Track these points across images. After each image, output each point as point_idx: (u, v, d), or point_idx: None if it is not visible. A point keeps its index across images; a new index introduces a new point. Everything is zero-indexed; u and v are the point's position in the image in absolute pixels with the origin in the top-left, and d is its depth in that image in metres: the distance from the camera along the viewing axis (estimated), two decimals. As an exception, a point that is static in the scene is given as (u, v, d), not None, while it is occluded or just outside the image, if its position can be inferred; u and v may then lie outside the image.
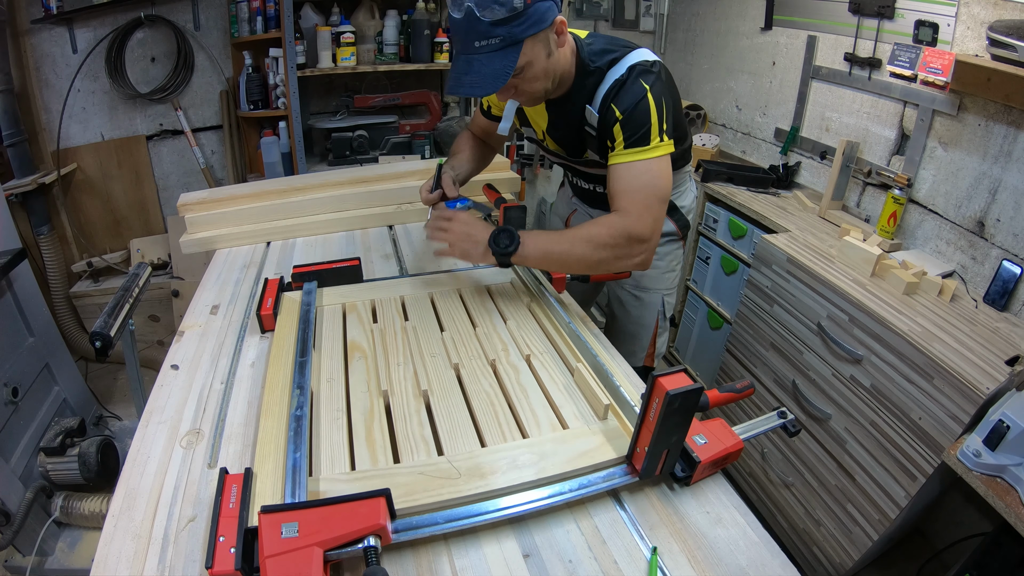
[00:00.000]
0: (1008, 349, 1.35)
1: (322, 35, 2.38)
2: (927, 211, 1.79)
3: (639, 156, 1.10)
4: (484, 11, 0.98)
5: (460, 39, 1.04)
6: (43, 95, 2.42)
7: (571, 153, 1.33)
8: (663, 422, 0.73)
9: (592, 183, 1.45)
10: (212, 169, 2.81)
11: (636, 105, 1.10)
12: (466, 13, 0.99)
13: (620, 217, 1.10)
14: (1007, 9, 1.51)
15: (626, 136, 1.10)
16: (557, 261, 1.15)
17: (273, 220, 1.62)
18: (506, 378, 1.00)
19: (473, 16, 0.99)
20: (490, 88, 1.05)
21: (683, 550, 0.74)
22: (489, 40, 1.01)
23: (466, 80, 1.04)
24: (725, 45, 2.66)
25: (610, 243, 1.10)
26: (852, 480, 1.57)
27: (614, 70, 1.14)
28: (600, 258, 1.11)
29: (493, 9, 0.98)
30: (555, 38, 1.09)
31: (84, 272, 2.63)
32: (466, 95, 1.11)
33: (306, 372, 0.96)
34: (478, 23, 0.99)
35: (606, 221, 1.11)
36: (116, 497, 0.80)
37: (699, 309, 2.51)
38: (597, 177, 1.41)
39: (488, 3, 0.98)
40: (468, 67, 1.04)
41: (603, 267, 1.14)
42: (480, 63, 1.03)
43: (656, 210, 1.11)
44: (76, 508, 1.73)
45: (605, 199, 1.40)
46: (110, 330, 1.30)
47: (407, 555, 0.72)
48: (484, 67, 1.03)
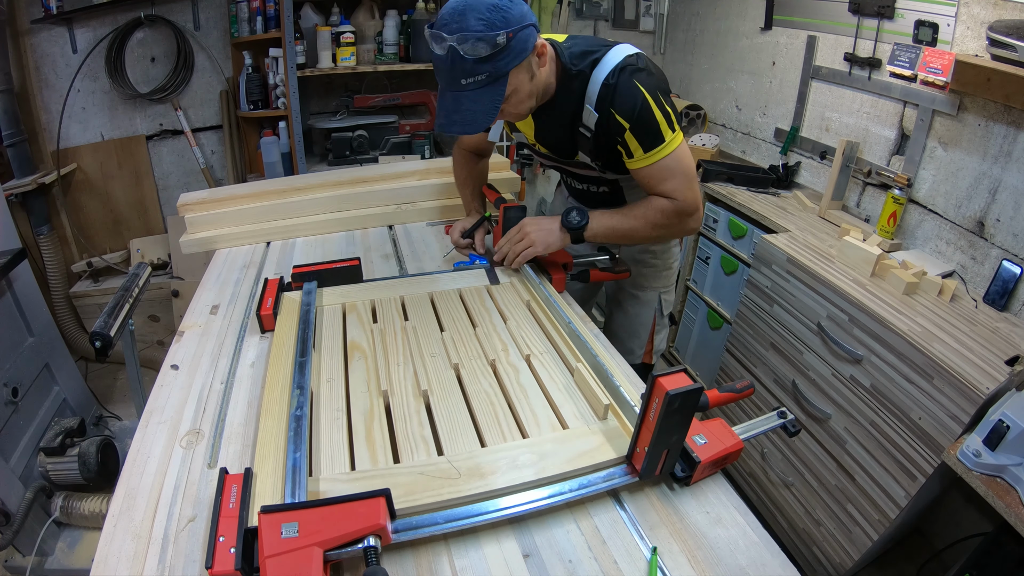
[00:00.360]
0: (1008, 349, 1.35)
1: (322, 35, 2.38)
2: (927, 211, 1.79)
3: (660, 155, 1.16)
4: (467, 50, 0.98)
5: (444, 76, 1.04)
6: (43, 95, 2.42)
7: (562, 155, 1.34)
8: (663, 422, 0.73)
9: (585, 183, 1.45)
10: (212, 169, 2.81)
11: (639, 109, 1.12)
12: (449, 51, 0.99)
13: (669, 201, 1.22)
14: (1007, 9, 1.51)
15: (641, 143, 1.15)
16: (623, 235, 1.27)
17: (273, 220, 1.62)
18: (506, 378, 1.00)
19: (456, 55, 0.98)
20: (482, 125, 1.06)
21: (683, 550, 0.74)
22: (475, 77, 1.01)
23: (457, 119, 1.05)
24: (725, 45, 2.66)
25: (665, 221, 1.23)
26: (852, 480, 1.57)
27: (598, 70, 1.14)
28: (659, 234, 1.27)
29: (476, 47, 0.98)
30: (536, 60, 1.09)
31: (84, 272, 2.64)
32: (459, 133, 1.12)
33: (306, 372, 0.96)
34: (462, 61, 0.99)
35: (659, 204, 1.22)
36: (116, 497, 0.80)
37: (699, 309, 2.51)
38: (589, 178, 1.42)
39: (471, 41, 0.97)
40: (457, 104, 1.04)
41: (663, 239, 1.41)
42: (469, 100, 1.04)
43: (693, 185, 1.22)
44: (76, 508, 1.73)
45: (599, 199, 1.45)
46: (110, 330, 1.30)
47: (407, 555, 0.72)
48: (474, 104, 1.04)
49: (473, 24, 0.97)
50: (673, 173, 1.18)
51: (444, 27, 0.99)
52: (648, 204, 1.24)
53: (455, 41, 0.98)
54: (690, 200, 1.21)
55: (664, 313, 1.59)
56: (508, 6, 1.00)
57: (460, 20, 0.98)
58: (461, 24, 0.98)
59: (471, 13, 0.98)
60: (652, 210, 1.23)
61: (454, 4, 1.00)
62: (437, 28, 1.00)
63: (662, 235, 1.29)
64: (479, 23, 0.97)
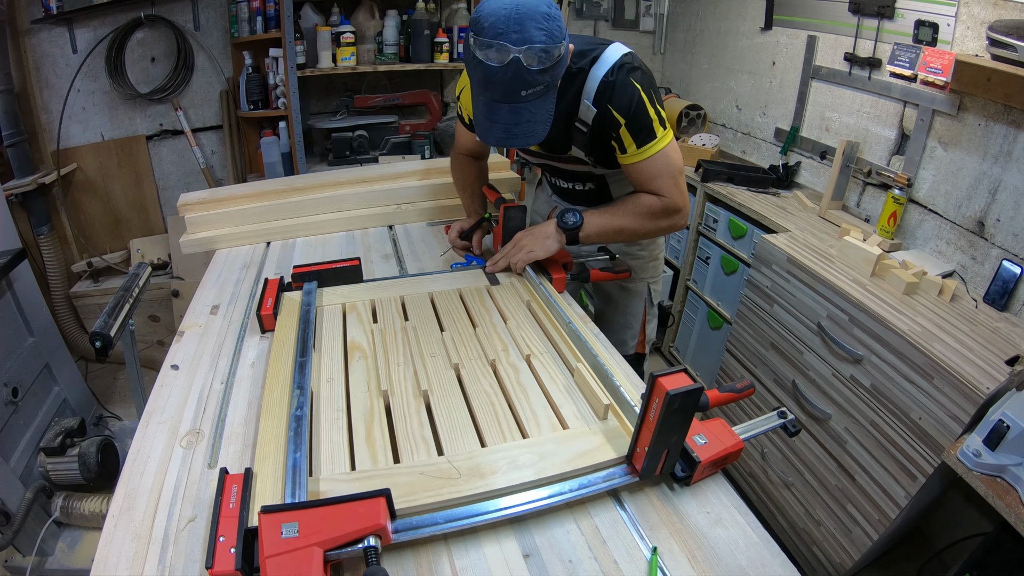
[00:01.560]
0: (1008, 349, 1.35)
1: (322, 35, 2.38)
2: (927, 211, 1.79)
3: (651, 151, 1.19)
4: (531, 61, 0.97)
5: (501, 88, 1.00)
6: (43, 95, 2.42)
7: (554, 151, 1.34)
8: (663, 422, 0.73)
9: (571, 182, 1.45)
10: (212, 169, 2.81)
11: (634, 106, 1.14)
12: (511, 63, 0.96)
13: (657, 198, 1.24)
14: (1007, 9, 1.51)
15: (635, 138, 1.17)
16: (614, 232, 1.29)
17: (273, 220, 1.62)
18: (506, 378, 1.00)
19: (520, 66, 0.97)
20: (540, 135, 1.06)
21: (683, 550, 0.74)
22: (535, 88, 1.01)
23: (518, 131, 1.04)
24: (725, 45, 2.66)
25: (654, 218, 1.26)
26: (852, 480, 1.57)
27: (597, 67, 1.15)
28: (648, 229, 1.29)
29: (541, 58, 0.97)
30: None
31: (84, 272, 2.63)
32: (519, 146, 1.11)
33: (306, 372, 0.96)
34: (525, 73, 0.98)
35: (647, 201, 1.25)
36: (116, 497, 0.80)
37: (699, 309, 2.51)
38: (576, 176, 1.42)
39: (537, 53, 0.96)
40: (516, 117, 1.03)
41: (650, 235, 1.39)
42: (528, 112, 1.03)
43: (680, 183, 1.25)
44: (76, 508, 1.73)
45: (584, 196, 1.46)
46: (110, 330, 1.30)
47: (407, 555, 0.72)
48: (533, 115, 1.03)
49: (535, 35, 0.96)
50: (663, 170, 1.21)
51: (502, 36, 0.95)
52: (636, 202, 1.26)
53: (521, 53, 0.96)
54: (677, 197, 1.24)
55: (654, 303, 1.62)
56: (557, 14, 1.00)
57: (521, 30, 0.95)
58: (523, 35, 0.95)
59: (530, 23, 0.96)
60: (641, 207, 1.25)
61: (504, 12, 0.96)
62: (493, 38, 0.96)
63: (650, 232, 1.31)
64: (540, 33, 0.96)
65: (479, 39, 0.98)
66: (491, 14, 0.97)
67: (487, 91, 1.03)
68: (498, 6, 0.97)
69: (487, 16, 0.98)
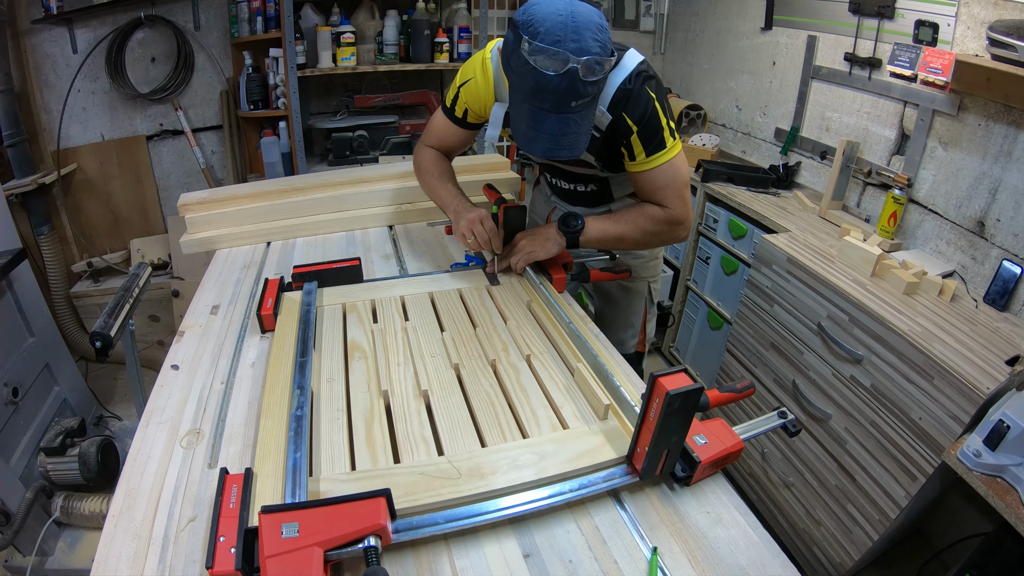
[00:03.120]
0: (1008, 349, 1.35)
1: (322, 35, 2.38)
2: (927, 211, 1.79)
3: (661, 160, 1.18)
4: (587, 73, 0.95)
5: (554, 98, 0.98)
6: (43, 95, 2.42)
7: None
8: (663, 422, 0.73)
9: (574, 183, 1.45)
10: (212, 169, 2.81)
11: (647, 115, 1.14)
12: (568, 74, 0.94)
13: (660, 208, 1.24)
14: (1007, 9, 1.51)
15: (645, 146, 1.17)
16: (613, 241, 1.29)
17: (273, 220, 1.62)
18: (506, 378, 1.00)
19: (576, 77, 0.95)
20: (583, 148, 1.05)
21: (683, 550, 0.74)
22: (584, 99, 1.00)
23: (565, 142, 1.03)
24: (725, 45, 2.66)
25: (655, 229, 1.26)
26: (852, 480, 1.57)
27: (615, 73, 1.14)
28: (649, 240, 1.30)
29: (595, 70, 0.96)
30: None
31: (84, 272, 2.63)
32: (564, 158, 1.10)
33: (306, 372, 0.96)
34: (580, 84, 0.96)
35: (650, 211, 1.25)
36: (116, 497, 0.80)
37: (699, 309, 2.51)
38: (580, 177, 1.42)
39: (592, 65, 0.95)
40: (564, 127, 1.01)
41: (651, 245, 1.40)
42: (575, 123, 1.02)
43: (685, 196, 1.25)
44: (76, 508, 1.73)
45: (585, 197, 1.46)
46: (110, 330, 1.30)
47: (407, 555, 0.72)
48: (579, 127, 1.02)
49: (592, 45, 0.95)
50: (669, 181, 1.21)
51: (560, 44, 0.93)
52: (640, 211, 1.26)
53: (580, 64, 0.93)
54: (681, 209, 1.24)
55: (654, 301, 1.62)
56: (607, 26, 1.00)
57: (579, 39, 0.93)
58: (581, 44, 0.93)
59: (587, 33, 0.94)
60: (643, 217, 1.25)
61: (561, 19, 0.94)
62: (550, 44, 0.93)
63: (651, 242, 1.33)
64: (596, 44, 0.95)
65: (534, 44, 0.94)
66: (546, 19, 0.94)
67: (536, 99, 1.00)
68: (552, 11, 0.95)
69: (542, 20, 0.94)
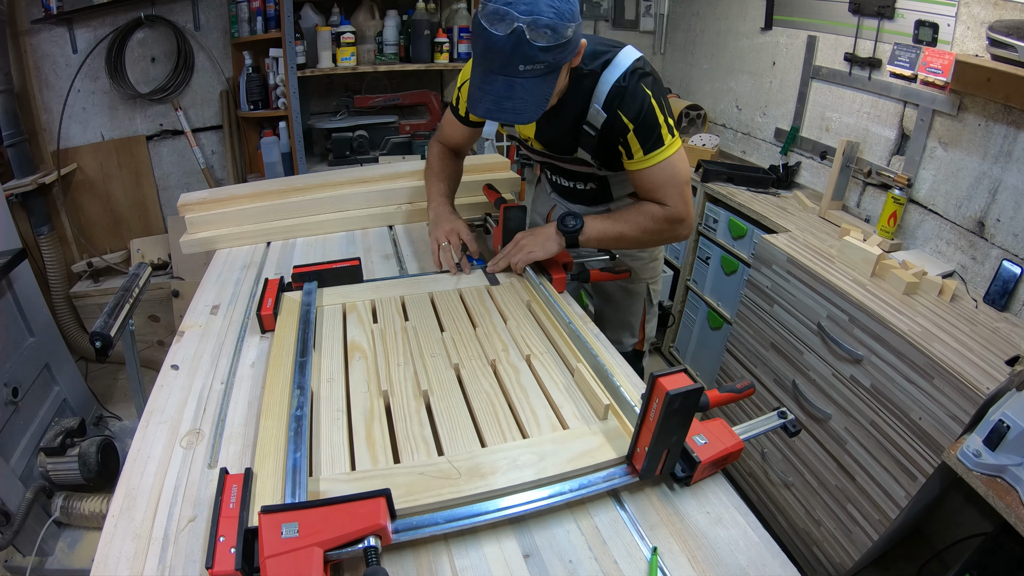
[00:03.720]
0: (1008, 349, 1.35)
1: (322, 35, 2.38)
2: (927, 211, 1.79)
3: (659, 158, 1.18)
4: (535, 35, 0.95)
5: (500, 59, 0.98)
6: (43, 95, 2.42)
7: (560, 152, 1.34)
8: (663, 422, 0.73)
9: (573, 181, 1.45)
10: (212, 169, 2.81)
11: (643, 112, 1.14)
12: (514, 33, 0.95)
13: (660, 207, 1.24)
14: (1007, 9, 1.51)
15: (643, 144, 1.17)
16: (613, 240, 1.29)
17: (273, 220, 1.62)
18: (506, 378, 1.00)
19: (522, 38, 0.95)
20: (533, 115, 1.04)
21: (683, 550, 0.74)
22: (534, 65, 0.99)
23: (508, 105, 1.02)
24: (725, 45, 2.66)
25: (656, 227, 1.26)
26: (852, 480, 1.57)
27: (609, 71, 1.14)
28: (649, 239, 1.30)
29: (545, 34, 0.95)
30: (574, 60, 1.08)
31: (84, 272, 2.63)
32: (507, 121, 1.10)
33: (306, 372, 0.96)
34: (527, 46, 0.96)
35: (650, 210, 1.25)
36: (116, 497, 0.80)
37: (699, 309, 2.51)
38: (579, 175, 1.42)
39: (541, 28, 0.95)
40: (510, 91, 1.01)
41: (651, 244, 1.39)
42: (523, 88, 1.01)
43: (686, 193, 1.24)
44: (76, 508, 1.73)
45: (586, 195, 1.46)
46: (110, 330, 1.29)
47: (407, 555, 0.72)
48: (528, 93, 1.01)
49: (545, 10, 0.95)
50: (668, 179, 1.21)
51: (511, 6, 0.94)
52: (639, 210, 1.26)
53: (526, 24, 0.94)
54: (681, 207, 1.23)
55: (653, 302, 1.62)
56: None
57: (531, 3, 0.94)
58: (532, 8, 0.94)
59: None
60: (643, 216, 1.25)
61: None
62: (502, 5, 0.95)
63: (652, 240, 1.33)
64: (550, 10, 0.95)
65: (487, 6, 0.96)
66: None
67: (485, 61, 1.01)
68: None
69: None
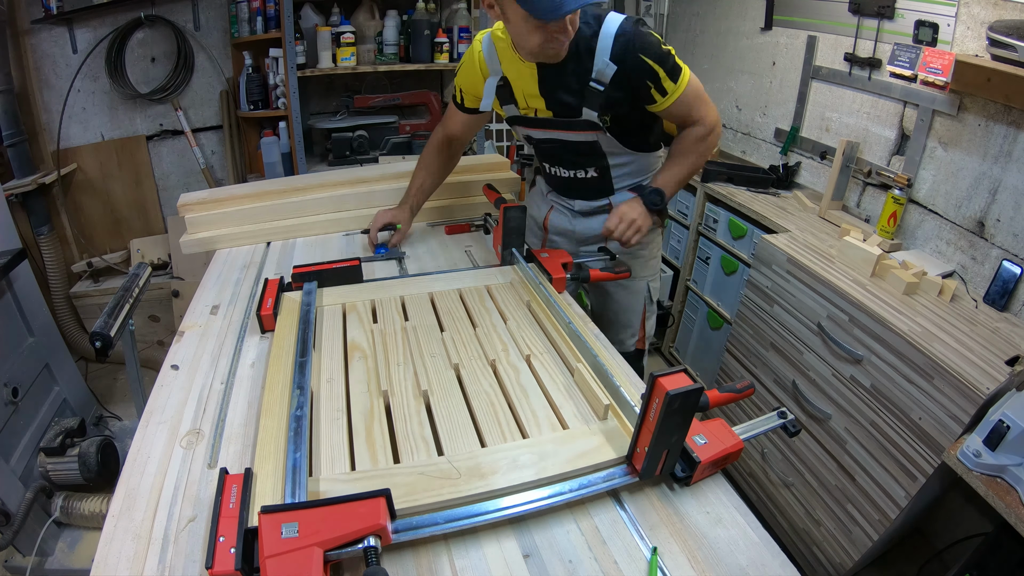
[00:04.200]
0: (1008, 349, 1.35)
1: (322, 35, 2.38)
2: (927, 211, 1.79)
3: (683, 84, 1.27)
4: None
5: None
6: (43, 95, 2.42)
7: (565, 115, 1.33)
8: (663, 422, 0.73)
9: (573, 169, 1.44)
10: (212, 169, 2.81)
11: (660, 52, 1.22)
12: None
13: (695, 127, 1.34)
14: (1007, 9, 1.51)
15: (672, 78, 1.25)
16: (683, 180, 1.41)
17: (273, 220, 1.62)
18: (506, 378, 1.00)
19: None
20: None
21: (683, 550, 0.74)
22: None
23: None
24: (725, 45, 2.66)
25: (706, 146, 1.36)
26: (852, 480, 1.56)
27: (606, 26, 1.20)
28: (704, 159, 1.41)
29: None
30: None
31: (84, 272, 2.63)
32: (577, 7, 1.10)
33: (306, 372, 0.96)
34: None
35: (692, 135, 1.35)
36: (116, 497, 0.80)
37: (699, 309, 2.51)
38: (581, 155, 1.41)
39: None
40: None
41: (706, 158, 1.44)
42: None
43: (710, 103, 1.35)
44: (76, 508, 1.73)
45: (588, 184, 1.46)
46: (110, 330, 1.29)
47: (407, 555, 0.72)
48: None
49: None
50: (695, 97, 1.30)
51: None
52: (684, 143, 1.36)
53: None
54: (712, 115, 1.34)
55: (653, 300, 1.62)
56: None
57: None
58: None
59: None
60: (690, 143, 1.35)
61: None
62: None
63: (704, 153, 1.40)
64: None
65: None
66: None
67: None
68: None
69: None
